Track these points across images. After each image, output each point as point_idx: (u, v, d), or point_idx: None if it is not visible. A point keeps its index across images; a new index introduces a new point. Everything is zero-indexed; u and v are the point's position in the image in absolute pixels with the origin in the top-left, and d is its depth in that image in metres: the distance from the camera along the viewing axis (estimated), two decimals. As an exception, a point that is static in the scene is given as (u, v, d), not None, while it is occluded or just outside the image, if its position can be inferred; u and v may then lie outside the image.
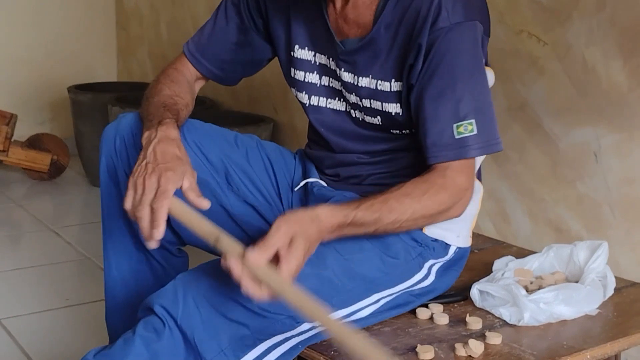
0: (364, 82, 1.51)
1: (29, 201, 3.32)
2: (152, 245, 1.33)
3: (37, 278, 2.48)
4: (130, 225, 1.61)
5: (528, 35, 2.02)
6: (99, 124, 1.71)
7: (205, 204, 1.37)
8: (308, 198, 1.68)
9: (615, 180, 1.87)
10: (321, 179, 1.69)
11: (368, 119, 1.56)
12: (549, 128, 2.01)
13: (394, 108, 1.51)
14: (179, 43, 3.76)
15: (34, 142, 3.61)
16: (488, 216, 2.15)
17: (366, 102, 1.53)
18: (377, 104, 1.52)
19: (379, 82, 1.50)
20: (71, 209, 3.23)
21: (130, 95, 3.39)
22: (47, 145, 3.61)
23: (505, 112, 1.95)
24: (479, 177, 1.70)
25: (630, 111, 1.81)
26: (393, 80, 1.48)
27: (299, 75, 1.61)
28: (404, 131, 1.55)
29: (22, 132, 3.75)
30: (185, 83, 1.68)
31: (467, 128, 1.42)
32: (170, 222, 1.61)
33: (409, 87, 1.46)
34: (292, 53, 1.59)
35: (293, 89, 1.65)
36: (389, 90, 1.49)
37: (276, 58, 1.71)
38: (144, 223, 1.32)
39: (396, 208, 1.40)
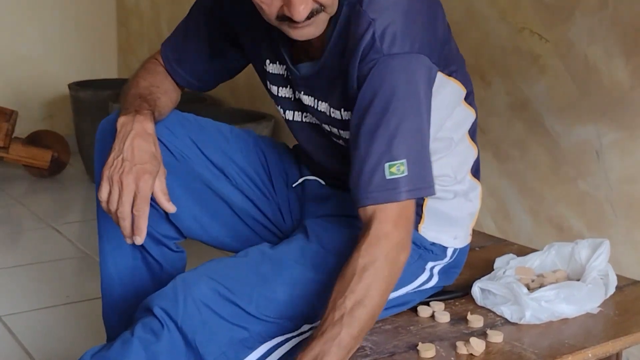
0: (322, 107, 1.48)
1: (30, 198, 3.33)
2: (137, 241, 1.37)
3: (38, 275, 2.49)
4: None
5: (530, 33, 2.02)
6: (99, 119, 1.69)
7: (172, 209, 1.40)
8: (306, 197, 1.68)
9: (617, 179, 1.87)
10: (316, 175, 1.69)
11: (335, 139, 1.53)
12: (550, 126, 2.01)
13: (345, 134, 1.47)
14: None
15: (35, 139, 3.61)
16: (489, 214, 2.15)
17: (326, 127, 1.50)
18: (334, 130, 1.49)
19: (332, 110, 1.46)
20: (72, 206, 3.24)
21: (130, 92, 3.41)
22: (48, 142, 3.62)
23: (506, 110, 1.95)
24: (477, 176, 1.69)
25: (633, 110, 1.81)
26: (342, 109, 1.44)
27: (274, 89, 1.58)
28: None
29: (22, 128, 3.76)
30: (164, 73, 1.67)
31: (400, 169, 1.31)
32: (167, 213, 1.61)
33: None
34: (264, 67, 1.57)
35: (274, 104, 1.63)
36: (339, 118, 1.45)
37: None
38: (126, 224, 1.35)
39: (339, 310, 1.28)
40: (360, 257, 1.28)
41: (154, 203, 1.62)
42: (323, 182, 1.67)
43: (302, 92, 1.50)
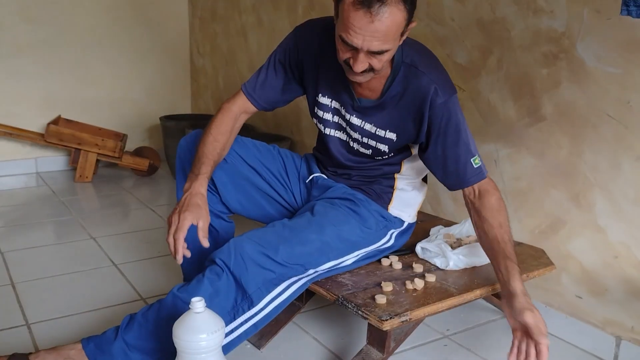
0: (367, 127, 1.49)
1: (134, 189, 3.32)
2: (177, 260, 1.32)
3: (140, 238, 2.48)
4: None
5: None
6: (179, 140, 1.70)
7: (206, 244, 1.34)
8: (313, 187, 1.68)
9: (508, 178, 1.87)
10: (323, 173, 1.69)
11: (362, 149, 1.54)
12: (466, 144, 2.00)
13: (383, 147, 1.50)
14: (230, 90, 3.80)
15: (138, 152, 3.61)
16: (427, 200, 2.15)
17: (365, 140, 1.51)
18: (372, 142, 1.51)
19: (378, 129, 1.48)
20: (161, 194, 3.24)
21: (199, 122, 3.42)
22: (146, 154, 3.61)
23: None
24: (425, 180, 1.71)
25: (517, 135, 1.82)
26: (388, 130, 1.47)
27: (320, 113, 1.57)
28: (383, 157, 1.54)
29: (130, 145, 3.80)
30: (229, 120, 1.56)
31: (476, 161, 1.44)
32: (221, 197, 1.62)
33: (408, 139, 1.47)
34: (317, 98, 1.55)
35: (315, 120, 1.61)
36: (383, 136, 1.48)
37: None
38: (170, 248, 1.34)
39: (509, 244, 1.41)
40: (496, 211, 1.43)
41: (212, 190, 1.63)
42: (326, 177, 1.68)
43: (354, 116, 1.50)
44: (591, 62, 1.58)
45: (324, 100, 1.54)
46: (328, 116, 1.56)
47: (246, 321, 1.35)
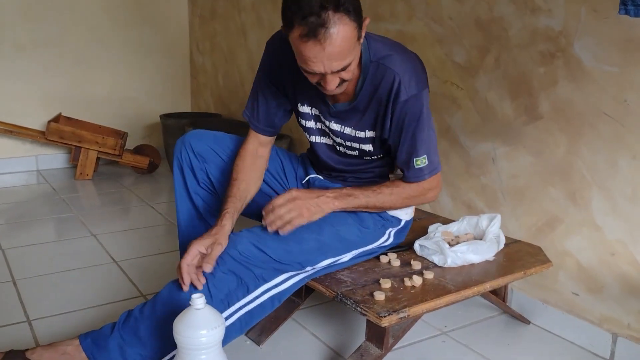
0: (347, 130, 1.48)
1: (135, 187, 3.33)
2: (184, 288, 1.30)
3: (140, 235, 2.48)
4: (193, 203, 1.61)
5: (451, 84, 2.02)
6: (179, 138, 1.70)
7: (208, 270, 1.29)
8: (310, 187, 1.68)
9: (505, 176, 1.87)
10: (319, 174, 1.69)
11: (349, 152, 1.54)
12: (463, 142, 2.00)
13: (367, 147, 1.50)
14: (230, 88, 3.79)
15: (138, 150, 3.62)
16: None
17: (348, 143, 1.51)
18: (355, 144, 1.51)
19: (357, 131, 1.47)
20: (161, 192, 3.24)
21: (198, 120, 3.41)
22: (147, 151, 3.62)
23: (436, 133, 1.96)
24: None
25: (515, 132, 1.82)
26: (367, 130, 1.46)
27: (303, 122, 1.57)
28: (373, 157, 1.54)
29: (130, 143, 3.80)
30: (245, 158, 1.54)
31: (418, 162, 1.43)
32: (220, 197, 1.62)
33: (381, 135, 1.45)
34: (297, 108, 1.54)
35: (302, 129, 1.61)
36: (364, 136, 1.48)
37: None
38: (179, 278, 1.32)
39: (381, 200, 1.46)
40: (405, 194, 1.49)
41: (211, 190, 1.63)
42: (322, 178, 1.68)
43: (333, 122, 1.49)
44: (588, 61, 1.58)
45: (304, 109, 1.53)
46: (311, 124, 1.55)
47: (241, 308, 1.34)
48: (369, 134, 1.46)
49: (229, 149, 1.61)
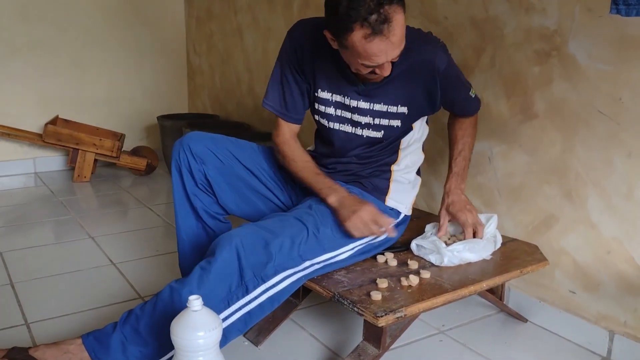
0: (377, 107, 1.52)
1: (132, 188, 3.33)
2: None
3: (138, 237, 2.48)
4: (191, 205, 1.62)
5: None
6: (177, 139, 1.70)
7: (392, 233, 1.52)
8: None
9: (501, 175, 1.87)
10: (320, 169, 1.69)
11: (372, 133, 1.56)
12: (460, 142, 2.00)
13: (396, 122, 1.54)
14: (227, 89, 3.78)
15: (136, 151, 3.62)
16: (422, 197, 2.16)
17: (377, 121, 1.54)
18: (384, 121, 1.54)
19: (390, 106, 1.52)
20: (159, 193, 3.24)
21: (196, 121, 3.42)
22: (144, 153, 3.62)
23: (433, 132, 1.96)
24: (419, 174, 1.73)
25: (510, 131, 1.82)
26: (399, 105, 1.52)
27: (322, 108, 1.58)
28: (390, 138, 1.58)
29: (128, 145, 3.80)
30: (294, 142, 1.63)
31: (472, 92, 1.61)
32: (218, 199, 1.63)
33: (420, 111, 1.57)
34: (316, 94, 1.57)
35: (316, 117, 1.62)
36: (395, 111, 1.53)
37: None
38: (383, 232, 1.51)
39: (469, 146, 1.69)
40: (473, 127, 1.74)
41: (209, 192, 1.63)
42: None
43: (361, 100, 1.53)
44: (583, 59, 1.59)
45: (324, 94, 1.56)
46: (330, 110, 1.58)
47: (240, 308, 1.35)
48: (401, 109, 1.52)
49: (227, 151, 1.62)
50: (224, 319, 1.34)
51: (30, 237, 2.48)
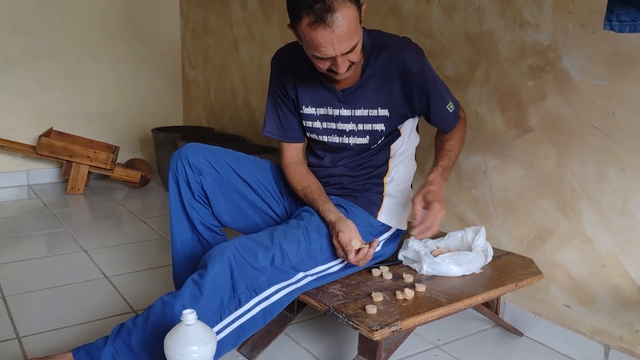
0: (358, 112, 1.56)
1: (126, 201, 3.32)
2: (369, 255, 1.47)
3: (132, 250, 2.48)
4: (187, 216, 1.62)
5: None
6: (171, 152, 1.70)
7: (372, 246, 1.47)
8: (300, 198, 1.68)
9: (496, 189, 1.88)
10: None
11: (359, 140, 1.59)
12: (455, 155, 2.01)
13: (379, 126, 1.56)
14: (222, 102, 3.79)
15: (130, 164, 3.61)
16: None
17: (360, 127, 1.57)
18: (368, 126, 1.57)
19: (370, 110, 1.55)
20: (153, 206, 3.23)
21: (190, 134, 3.42)
22: (138, 165, 3.61)
23: (427, 145, 1.97)
24: (412, 187, 1.72)
25: (505, 145, 1.83)
26: (379, 108, 1.54)
27: (309, 124, 1.63)
28: (378, 142, 1.60)
29: (122, 157, 3.80)
30: (299, 167, 1.67)
31: (451, 107, 1.59)
32: (213, 211, 1.63)
33: (403, 114, 1.57)
34: (301, 111, 1.63)
35: (308, 133, 1.68)
36: (376, 115, 1.55)
37: None
38: (362, 260, 1.47)
39: (455, 152, 1.65)
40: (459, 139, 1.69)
41: (205, 203, 1.63)
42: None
43: (343, 108, 1.57)
44: (577, 74, 1.60)
45: (309, 110, 1.61)
46: (317, 124, 1.63)
47: (233, 322, 1.34)
48: (382, 112, 1.55)
49: (224, 163, 1.62)
50: (217, 333, 1.33)
51: (22, 249, 2.47)
